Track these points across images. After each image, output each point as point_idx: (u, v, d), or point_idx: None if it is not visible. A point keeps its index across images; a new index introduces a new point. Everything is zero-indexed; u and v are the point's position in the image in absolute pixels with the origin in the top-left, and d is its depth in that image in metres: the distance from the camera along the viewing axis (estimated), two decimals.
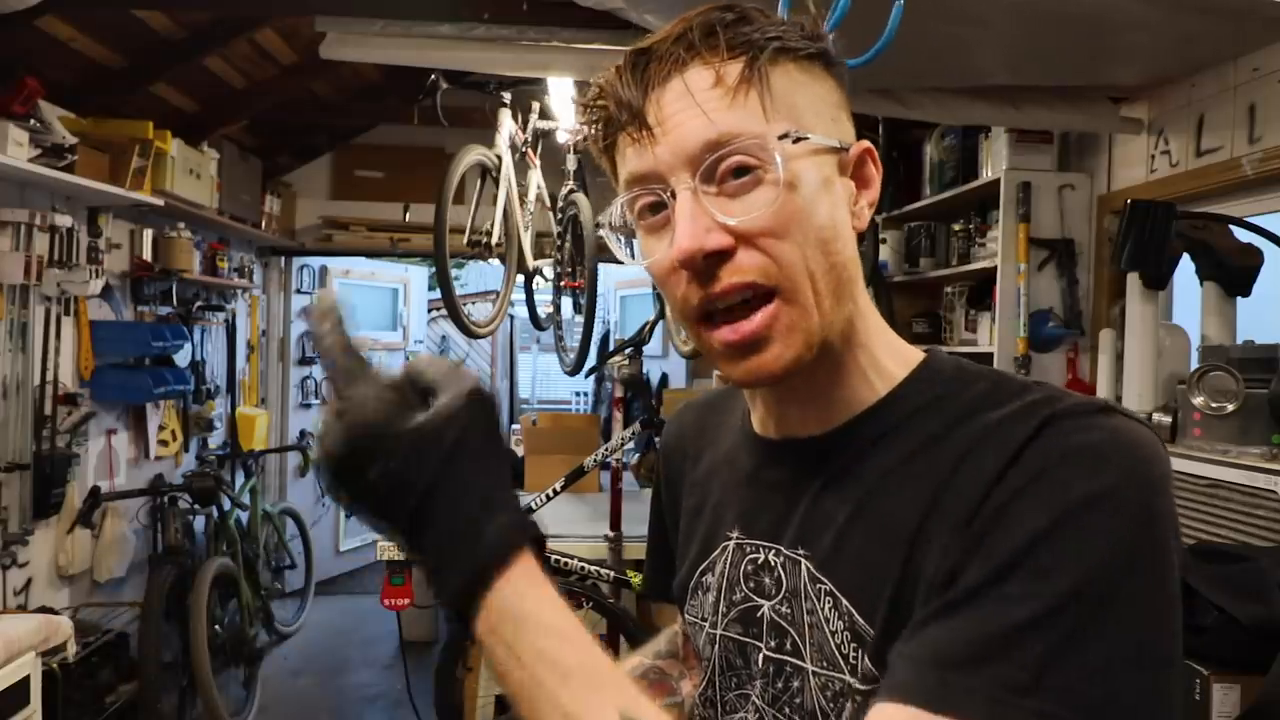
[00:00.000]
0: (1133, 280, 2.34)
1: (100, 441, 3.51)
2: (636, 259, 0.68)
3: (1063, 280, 2.99)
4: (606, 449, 3.02)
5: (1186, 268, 2.33)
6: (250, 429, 4.58)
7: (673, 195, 0.61)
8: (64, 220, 3.03)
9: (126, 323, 3.65)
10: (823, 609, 0.63)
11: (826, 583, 0.63)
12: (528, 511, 0.56)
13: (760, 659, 0.68)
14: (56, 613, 2.78)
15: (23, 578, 2.98)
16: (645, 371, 3.77)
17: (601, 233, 0.69)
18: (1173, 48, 2.33)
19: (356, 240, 5.11)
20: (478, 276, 7.94)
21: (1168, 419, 2.19)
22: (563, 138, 3.54)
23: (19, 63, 2.83)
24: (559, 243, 3.63)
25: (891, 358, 0.68)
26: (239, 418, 4.57)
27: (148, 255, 3.74)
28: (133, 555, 3.58)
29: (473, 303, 7.23)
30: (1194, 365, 2.28)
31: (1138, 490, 0.53)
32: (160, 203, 3.43)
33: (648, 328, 3.35)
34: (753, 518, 0.71)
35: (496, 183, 2.95)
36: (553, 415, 4.76)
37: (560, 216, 3.61)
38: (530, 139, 3.32)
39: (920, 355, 0.68)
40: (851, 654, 0.61)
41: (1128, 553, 0.52)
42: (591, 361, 3.77)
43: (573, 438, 3.93)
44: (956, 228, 3.43)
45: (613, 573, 2.72)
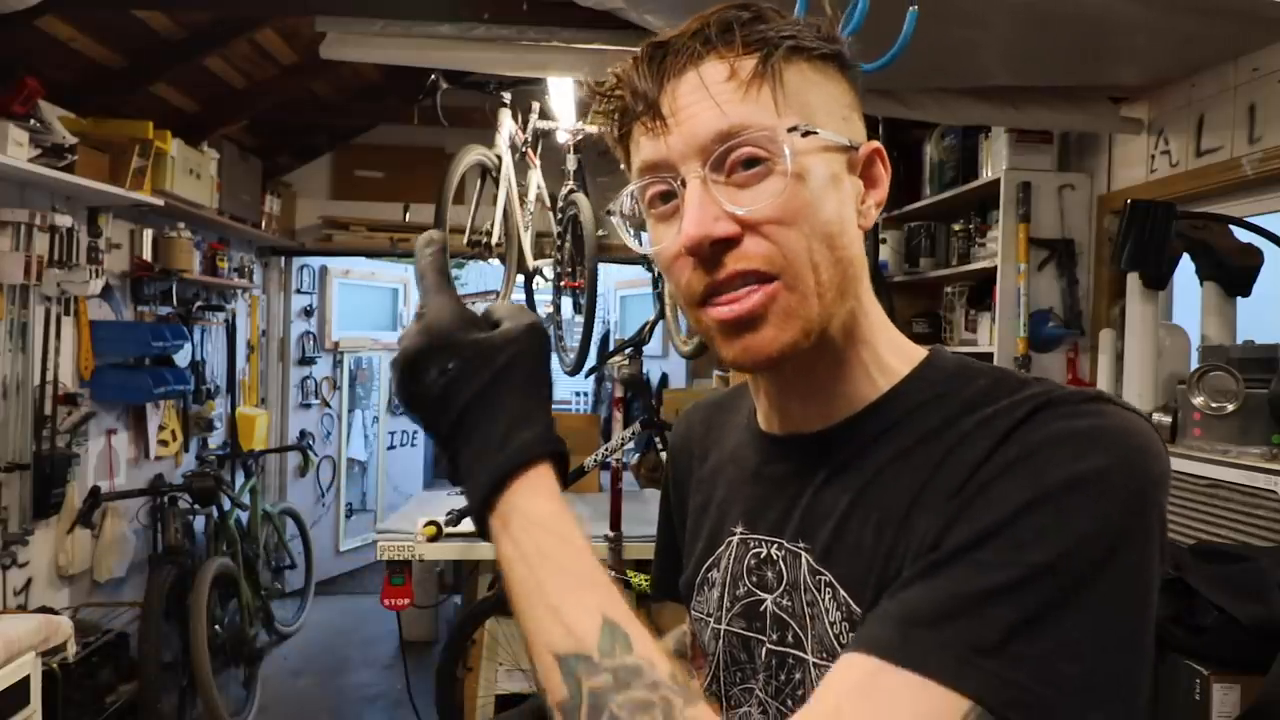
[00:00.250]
0: (1133, 280, 2.34)
1: (100, 441, 3.51)
2: (644, 247, 0.69)
3: (1063, 280, 2.99)
4: (606, 449, 3.02)
5: (1186, 268, 2.33)
6: (250, 429, 4.58)
7: (683, 184, 0.62)
8: (64, 220, 3.03)
9: (126, 323, 3.65)
10: (822, 600, 0.64)
11: (826, 574, 0.65)
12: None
13: (764, 653, 0.69)
14: (56, 613, 2.78)
15: (23, 578, 2.98)
16: (645, 371, 3.77)
17: (612, 220, 0.70)
18: (1173, 48, 2.33)
19: (356, 240, 5.11)
20: (478, 276, 7.92)
21: (1168, 419, 2.19)
22: (563, 138, 3.54)
23: (19, 63, 2.83)
24: (559, 243, 3.63)
25: (895, 355, 0.69)
26: (239, 418, 4.57)
27: (148, 255, 3.74)
28: (133, 555, 3.58)
29: (473, 303, 7.17)
30: (1194, 365, 2.28)
31: (1124, 475, 0.54)
32: (160, 203, 3.43)
33: (648, 328, 3.35)
34: (756, 513, 0.72)
35: (496, 183, 2.95)
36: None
37: (560, 216, 3.60)
38: (530, 139, 3.32)
39: (923, 353, 0.70)
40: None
41: (1109, 534, 0.53)
42: (591, 361, 3.77)
43: (573, 438, 3.91)
44: (956, 228, 3.43)
45: (613, 573, 2.72)
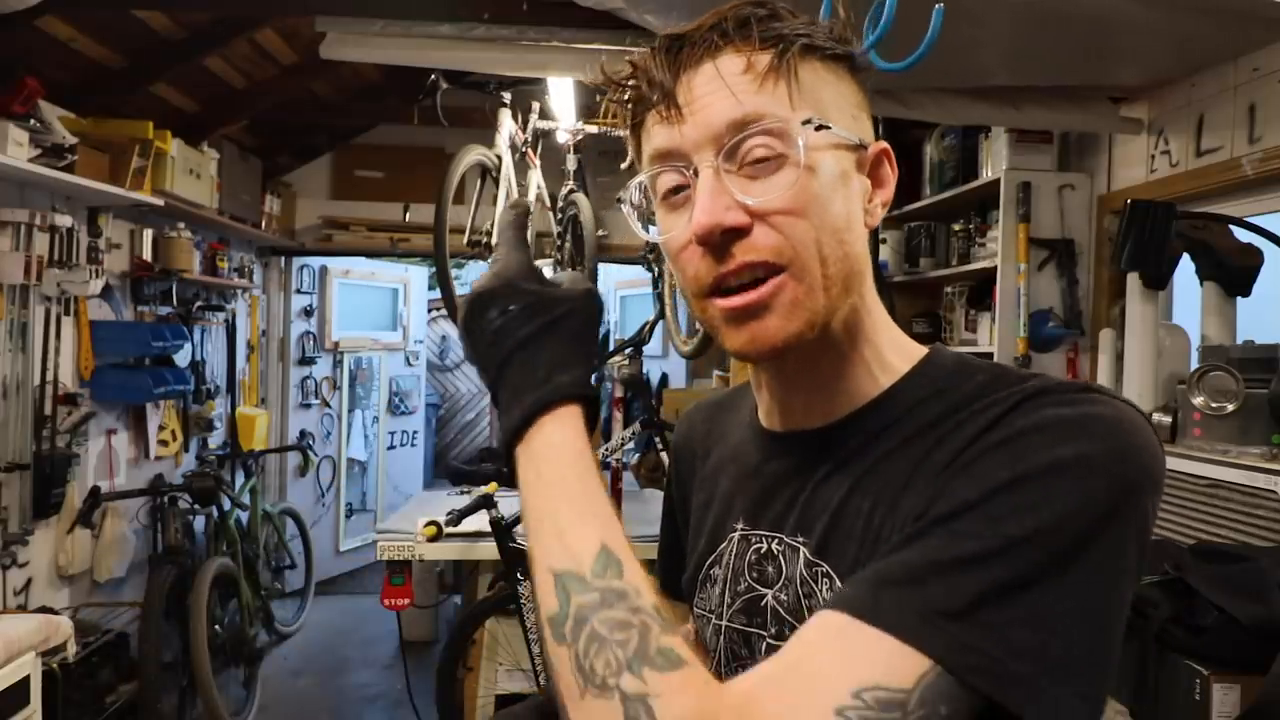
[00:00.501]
0: (1133, 280, 2.34)
1: (100, 441, 3.51)
2: (653, 235, 0.70)
3: (1063, 280, 2.99)
4: (606, 449, 3.03)
5: (1186, 268, 2.33)
6: (250, 429, 4.58)
7: (695, 173, 0.63)
8: (64, 220, 3.03)
9: (126, 323, 3.65)
10: (820, 592, 0.65)
11: (823, 565, 0.65)
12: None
13: (764, 648, 0.70)
14: (56, 613, 2.78)
15: (23, 578, 2.98)
16: (645, 371, 3.77)
17: (621, 208, 0.71)
18: (1173, 48, 2.33)
19: (356, 240, 5.11)
20: (478, 276, 7.93)
21: (1168, 419, 2.19)
22: (563, 138, 3.54)
23: (19, 63, 2.83)
24: (559, 243, 3.62)
25: (895, 353, 0.70)
26: (239, 418, 4.57)
27: (148, 255, 3.73)
28: (133, 555, 3.57)
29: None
30: (1194, 365, 2.28)
31: (1109, 461, 0.54)
32: (160, 203, 3.43)
33: (648, 328, 3.35)
34: (757, 509, 0.73)
35: (496, 183, 2.94)
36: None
37: (560, 216, 3.60)
38: (530, 139, 3.32)
39: (924, 351, 0.70)
40: None
41: (1087, 516, 0.53)
42: None
43: None
44: (956, 228, 3.43)
45: None
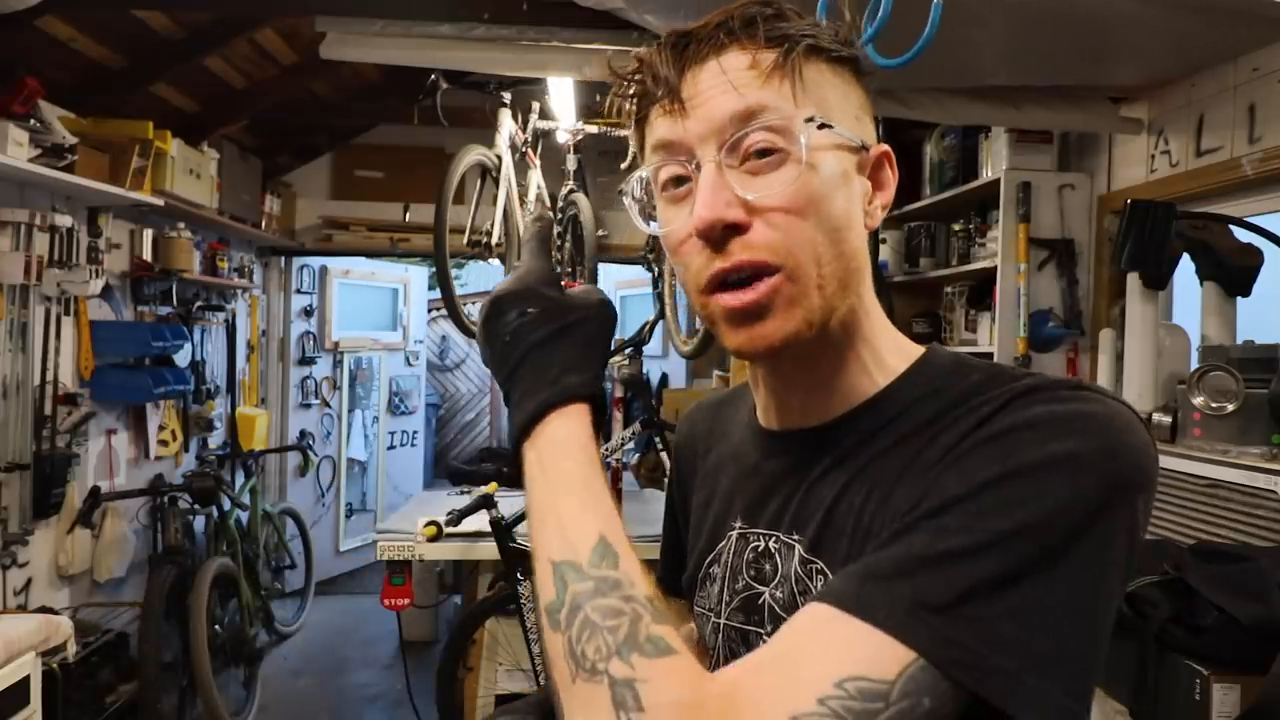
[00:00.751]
0: (1133, 280, 2.34)
1: (100, 441, 3.51)
2: (653, 228, 0.70)
3: (1063, 280, 2.99)
4: (606, 449, 3.03)
5: (1186, 268, 2.33)
6: (250, 429, 4.58)
7: (697, 167, 0.64)
8: (64, 220, 3.03)
9: (126, 323, 3.65)
10: (815, 588, 0.65)
11: (817, 562, 0.66)
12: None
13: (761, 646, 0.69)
14: (56, 613, 2.78)
15: (23, 578, 2.98)
16: (645, 371, 3.77)
17: (623, 200, 0.71)
18: (1173, 48, 2.33)
19: (356, 240, 5.11)
20: (478, 276, 7.93)
21: (1168, 419, 2.19)
22: (563, 138, 3.54)
23: (19, 63, 2.83)
24: (559, 243, 3.62)
25: (893, 353, 0.70)
26: (239, 418, 4.57)
27: (148, 255, 3.73)
28: (133, 555, 3.57)
29: (473, 303, 7.22)
30: (1194, 365, 2.28)
31: (1099, 458, 0.54)
32: (160, 203, 3.43)
33: (648, 328, 3.35)
34: (755, 507, 0.73)
35: (496, 183, 2.95)
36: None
37: (560, 216, 3.60)
38: (530, 139, 3.32)
39: (921, 351, 0.71)
40: None
41: (1075, 513, 0.53)
42: None
43: None
44: (956, 228, 3.43)
45: None
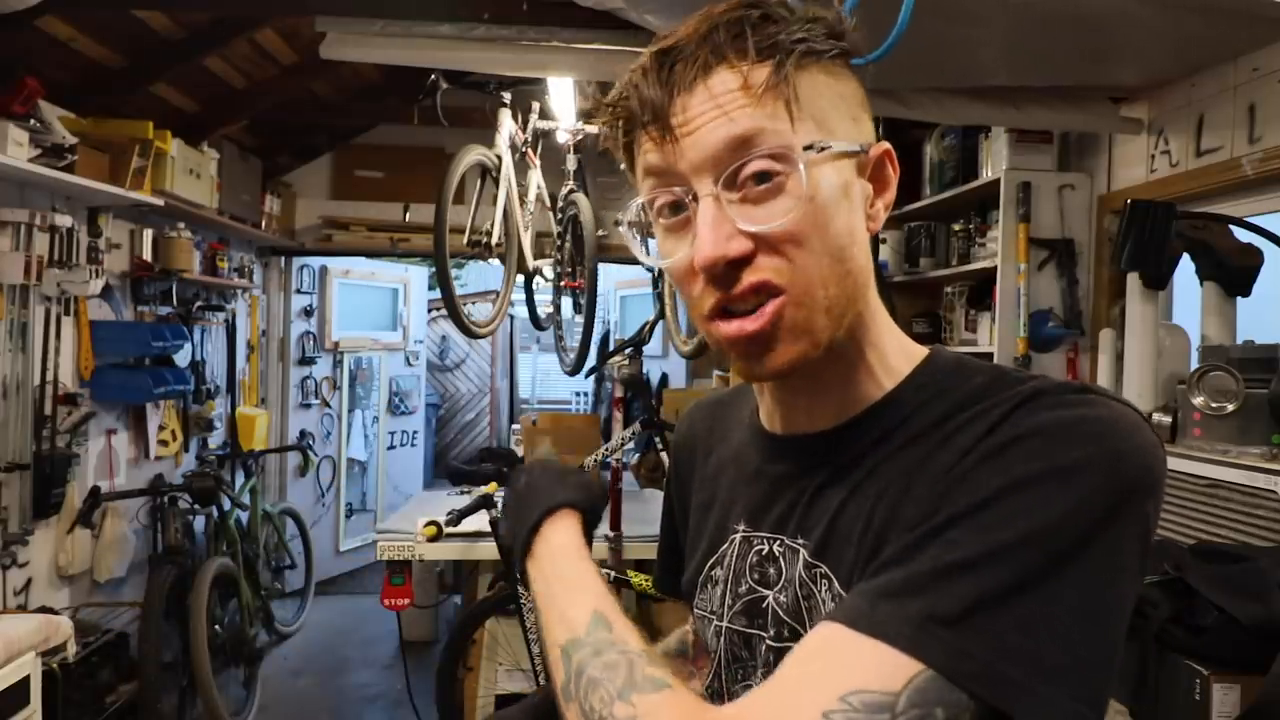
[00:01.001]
0: (1133, 280, 2.34)
1: (100, 441, 3.51)
2: (654, 257, 0.69)
3: (1063, 280, 2.99)
4: (606, 449, 3.03)
5: (1186, 268, 2.33)
6: (250, 429, 4.58)
7: (694, 198, 0.62)
8: (64, 220, 3.03)
9: (126, 323, 3.64)
10: (819, 593, 0.65)
11: (821, 566, 0.66)
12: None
13: (763, 649, 0.70)
14: (56, 613, 2.78)
15: (23, 578, 2.98)
16: (645, 371, 3.77)
17: (619, 230, 0.70)
18: (1173, 48, 2.33)
19: (356, 240, 5.11)
20: (478, 276, 7.93)
21: (1168, 419, 2.19)
22: (563, 138, 3.54)
23: (19, 63, 2.82)
24: (559, 243, 3.63)
25: (898, 355, 0.69)
26: (239, 418, 4.57)
27: (148, 255, 3.73)
28: (133, 555, 3.57)
29: (473, 303, 7.23)
30: (1194, 365, 2.28)
31: (1105, 465, 0.54)
32: (160, 203, 3.43)
33: (648, 328, 3.35)
34: (759, 511, 0.73)
35: (496, 183, 2.95)
36: (553, 415, 4.76)
37: (560, 216, 3.60)
38: (530, 139, 3.32)
39: (924, 352, 0.70)
40: None
41: (1082, 521, 0.53)
42: (591, 361, 3.77)
43: (573, 438, 3.94)
44: (956, 228, 3.43)
45: (613, 573, 2.72)
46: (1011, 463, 0.55)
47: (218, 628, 3.53)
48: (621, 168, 0.69)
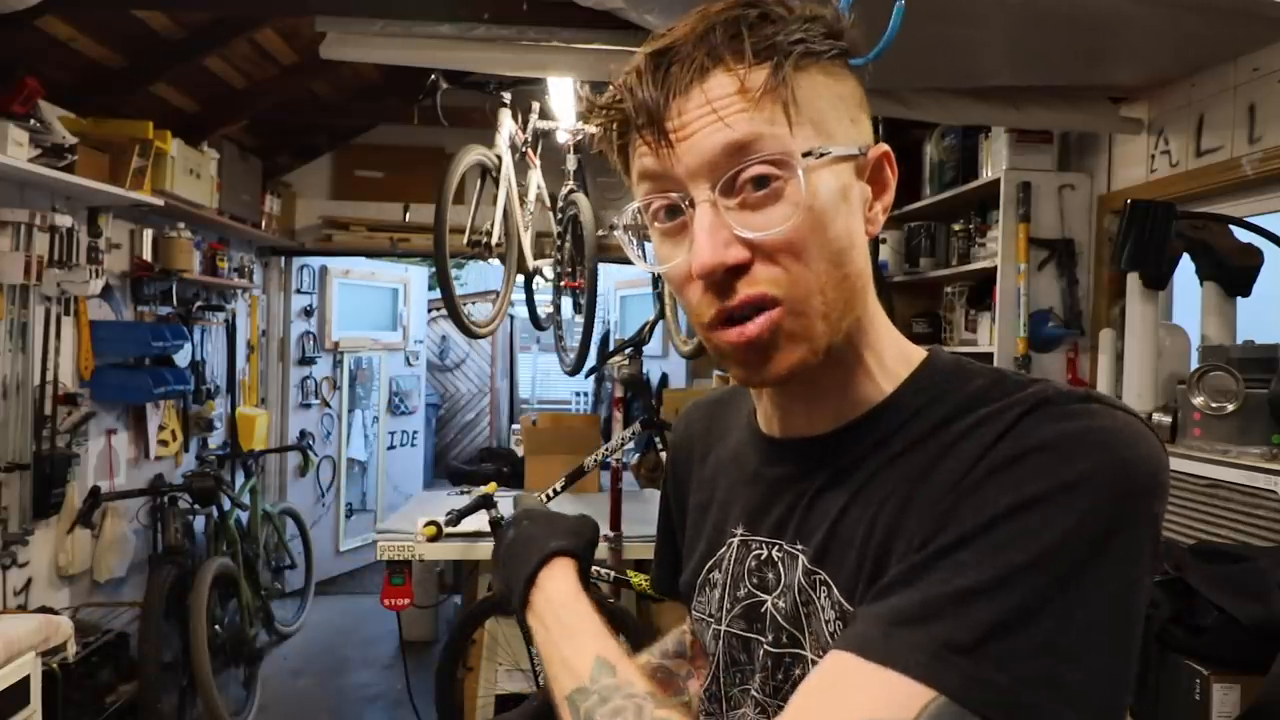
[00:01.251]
0: (1133, 280, 2.34)
1: (100, 441, 3.51)
2: (650, 263, 0.68)
3: (1063, 280, 2.99)
4: (606, 449, 3.03)
5: (1186, 268, 2.33)
6: (250, 429, 4.58)
7: (690, 204, 0.61)
8: (64, 220, 3.03)
9: (126, 323, 3.64)
10: (818, 599, 0.65)
11: (821, 573, 0.65)
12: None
13: (761, 654, 0.70)
14: (56, 613, 2.78)
15: (23, 578, 2.98)
16: (645, 371, 3.77)
17: (615, 234, 0.69)
18: (1173, 48, 2.33)
19: (356, 240, 5.11)
20: (478, 276, 7.93)
21: (1168, 419, 2.19)
22: (563, 138, 3.54)
23: (19, 63, 2.83)
24: (559, 243, 3.63)
25: (896, 358, 0.69)
26: (239, 418, 4.57)
27: (148, 255, 3.73)
28: (133, 555, 3.57)
29: (473, 303, 7.23)
30: (1194, 365, 2.28)
31: (1110, 479, 0.54)
32: (160, 203, 3.43)
33: (648, 328, 3.36)
34: (757, 515, 0.73)
35: (496, 183, 2.95)
36: (553, 415, 4.76)
37: (560, 216, 3.60)
38: (530, 139, 3.32)
39: (923, 354, 0.70)
40: None
41: (1091, 538, 0.53)
42: (591, 361, 3.77)
43: (573, 438, 3.94)
44: (956, 228, 3.43)
45: (613, 573, 2.72)
46: (1020, 480, 0.55)
47: (218, 628, 3.53)
48: (618, 167, 0.69)
